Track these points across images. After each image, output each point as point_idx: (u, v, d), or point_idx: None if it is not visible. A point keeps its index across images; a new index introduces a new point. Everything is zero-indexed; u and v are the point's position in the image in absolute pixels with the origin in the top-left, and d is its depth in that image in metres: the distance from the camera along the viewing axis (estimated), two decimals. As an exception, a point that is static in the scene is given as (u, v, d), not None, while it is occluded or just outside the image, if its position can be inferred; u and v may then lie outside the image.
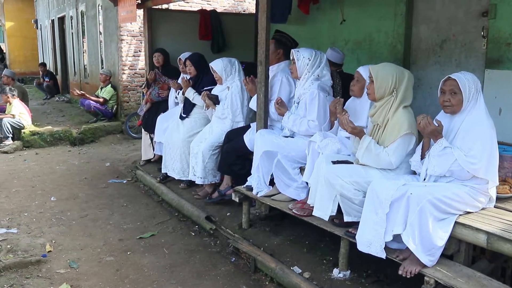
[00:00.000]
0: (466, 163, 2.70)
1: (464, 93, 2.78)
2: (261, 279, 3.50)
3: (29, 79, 18.62)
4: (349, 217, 3.12)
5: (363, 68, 3.60)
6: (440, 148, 2.78)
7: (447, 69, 4.43)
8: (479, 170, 2.71)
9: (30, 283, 3.42)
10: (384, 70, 3.15)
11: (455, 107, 2.83)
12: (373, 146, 3.09)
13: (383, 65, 3.24)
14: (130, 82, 9.70)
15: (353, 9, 5.42)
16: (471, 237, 2.67)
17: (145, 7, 7.00)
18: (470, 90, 2.78)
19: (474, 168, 2.71)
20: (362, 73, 3.54)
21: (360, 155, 3.15)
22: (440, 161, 2.77)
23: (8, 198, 5.39)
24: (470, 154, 2.70)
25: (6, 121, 8.10)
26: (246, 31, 7.51)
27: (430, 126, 2.78)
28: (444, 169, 2.78)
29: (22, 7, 19.52)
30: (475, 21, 4.19)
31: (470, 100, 2.80)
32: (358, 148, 3.17)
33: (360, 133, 3.18)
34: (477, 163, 2.69)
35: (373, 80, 3.14)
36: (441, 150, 2.77)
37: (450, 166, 2.74)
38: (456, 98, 2.81)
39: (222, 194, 4.70)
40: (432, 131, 2.79)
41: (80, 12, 12.25)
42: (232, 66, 4.91)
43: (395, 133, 3.05)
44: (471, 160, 2.70)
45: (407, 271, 2.74)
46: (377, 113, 3.17)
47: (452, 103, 2.82)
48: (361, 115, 3.49)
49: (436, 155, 2.79)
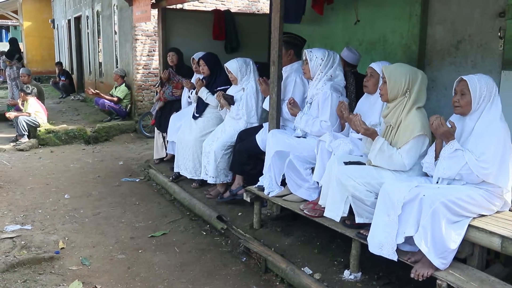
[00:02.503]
0: (477, 167, 2.66)
1: (473, 95, 2.75)
2: (271, 280, 3.49)
3: (45, 78, 18.88)
4: (361, 219, 3.10)
5: (376, 64, 3.58)
6: (451, 150, 2.74)
7: (463, 70, 4.37)
8: (489, 175, 2.67)
9: (43, 279, 3.46)
10: (397, 71, 3.12)
11: (463, 108, 2.81)
12: (386, 147, 3.06)
13: (397, 66, 3.21)
14: (144, 82, 9.77)
15: (368, 9, 5.37)
16: (485, 240, 2.63)
17: (159, 7, 7.04)
18: (481, 92, 2.74)
19: (484, 173, 2.67)
20: (375, 68, 3.53)
21: (372, 157, 3.12)
22: (450, 163, 2.74)
23: (23, 195, 5.46)
24: (482, 158, 2.66)
25: (22, 119, 8.22)
26: (259, 31, 7.50)
27: (443, 127, 2.75)
28: (453, 172, 2.74)
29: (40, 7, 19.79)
30: (491, 22, 4.13)
31: (480, 102, 2.76)
32: (371, 149, 3.14)
33: (373, 134, 3.15)
34: (488, 168, 2.66)
35: (386, 81, 3.11)
36: (452, 152, 2.73)
37: (460, 169, 2.71)
38: (464, 99, 2.79)
39: (233, 193, 4.70)
40: (444, 132, 2.76)
41: (96, 12, 12.37)
42: (247, 67, 4.91)
43: (408, 134, 3.02)
44: (482, 164, 2.66)
45: (419, 274, 2.70)
46: (390, 114, 3.14)
47: (461, 104, 2.80)
48: (374, 112, 3.47)
49: (447, 157, 2.76)
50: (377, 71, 3.51)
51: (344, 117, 3.55)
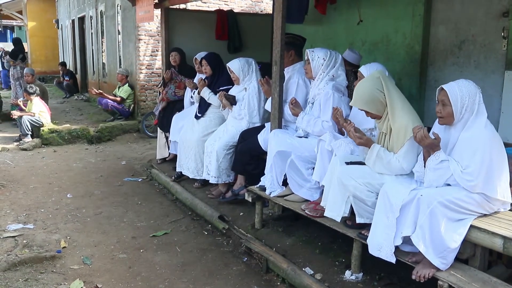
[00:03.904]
0: (462, 180, 2.63)
1: (454, 106, 2.68)
2: (272, 280, 3.49)
3: (49, 78, 18.91)
4: (362, 219, 3.08)
5: (364, 67, 3.57)
6: (436, 161, 2.70)
7: (466, 70, 4.36)
8: (475, 187, 2.63)
9: (44, 278, 3.47)
10: (365, 95, 3.06)
11: (445, 119, 2.75)
12: (383, 153, 3.04)
13: (361, 91, 3.11)
14: (147, 82, 9.78)
15: (371, 9, 5.36)
16: (486, 241, 2.61)
17: (162, 7, 7.04)
18: (462, 102, 2.66)
19: (470, 185, 2.63)
20: (363, 73, 3.53)
21: (371, 164, 3.10)
22: (436, 175, 2.71)
23: (26, 194, 5.48)
24: (467, 171, 2.62)
25: (25, 119, 8.25)
26: (262, 32, 7.48)
27: (426, 139, 2.69)
28: (440, 183, 2.72)
29: (44, 8, 19.83)
30: (495, 22, 4.11)
31: (463, 112, 2.68)
32: (367, 157, 3.12)
33: (368, 142, 3.14)
34: (473, 180, 2.62)
35: (368, 111, 3.10)
36: (438, 164, 2.69)
37: (447, 180, 2.68)
38: (446, 110, 2.72)
39: (235, 193, 4.69)
40: (429, 144, 2.71)
41: (100, 12, 12.40)
42: (249, 66, 4.90)
43: (401, 137, 2.98)
44: (467, 177, 2.62)
45: (420, 276, 2.69)
46: (380, 122, 3.14)
47: (443, 115, 2.74)
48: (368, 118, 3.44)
49: (433, 168, 2.72)
50: (365, 75, 3.47)
51: (340, 124, 3.53)
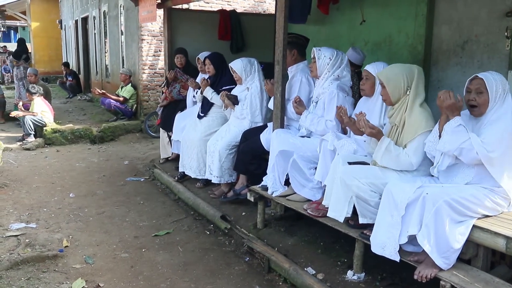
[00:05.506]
0: (480, 147, 2.59)
1: (490, 93, 2.69)
2: (274, 279, 3.48)
3: (53, 78, 18.95)
4: (364, 219, 3.07)
5: (370, 66, 3.56)
6: (455, 124, 2.70)
7: (469, 70, 4.34)
8: (491, 159, 2.60)
9: (46, 277, 3.47)
10: (393, 73, 3.10)
11: (481, 107, 2.74)
12: (392, 147, 3.03)
13: (390, 68, 3.18)
14: (150, 82, 9.79)
15: (373, 9, 5.35)
16: (489, 241, 2.60)
17: (165, 7, 7.05)
18: (497, 90, 2.69)
19: (485, 154, 2.59)
20: (370, 71, 3.51)
21: (378, 157, 3.08)
22: (452, 137, 2.68)
23: (28, 193, 5.49)
24: (486, 141, 2.61)
25: (28, 118, 8.27)
26: (265, 32, 7.49)
27: (450, 99, 2.71)
28: (454, 146, 2.67)
29: (48, 8, 19.89)
30: (498, 21, 4.09)
31: (497, 101, 2.71)
32: (376, 150, 3.10)
33: (379, 134, 3.11)
34: (491, 151, 2.59)
35: (385, 85, 3.09)
36: (456, 127, 2.69)
37: (461, 143, 2.64)
38: (482, 97, 2.72)
39: (237, 193, 4.69)
40: (450, 105, 2.72)
41: (103, 13, 12.42)
42: (251, 66, 4.90)
43: (412, 132, 2.98)
44: (486, 146, 2.60)
45: (422, 276, 2.67)
46: (394, 114, 3.12)
47: (478, 102, 2.74)
48: (374, 114, 3.44)
49: (450, 131, 2.71)
50: (372, 73, 3.49)
51: (344, 122, 3.52)
